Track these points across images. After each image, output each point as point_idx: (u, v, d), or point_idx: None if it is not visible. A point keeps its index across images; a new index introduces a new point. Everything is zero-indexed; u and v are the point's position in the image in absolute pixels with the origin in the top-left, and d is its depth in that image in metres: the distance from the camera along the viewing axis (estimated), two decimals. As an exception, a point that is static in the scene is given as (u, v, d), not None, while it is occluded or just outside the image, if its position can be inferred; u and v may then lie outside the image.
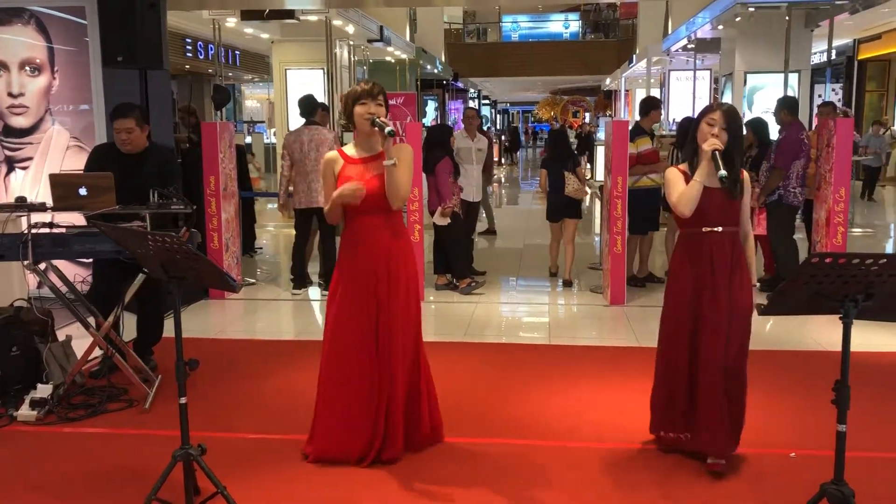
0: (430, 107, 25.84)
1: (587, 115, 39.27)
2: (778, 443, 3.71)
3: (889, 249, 9.18)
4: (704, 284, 3.33)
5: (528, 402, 4.35)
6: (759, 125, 7.15)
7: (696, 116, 3.46)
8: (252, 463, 3.53)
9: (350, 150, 3.50)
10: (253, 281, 7.67)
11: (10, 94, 6.62)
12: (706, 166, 3.25)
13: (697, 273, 3.34)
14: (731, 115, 3.31)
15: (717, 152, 3.22)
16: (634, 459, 3.58)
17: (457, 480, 3.39)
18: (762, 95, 12.09)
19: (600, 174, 8.36)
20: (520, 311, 6.80)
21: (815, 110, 12.69)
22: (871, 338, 5.41)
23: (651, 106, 7.47)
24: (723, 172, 3.16)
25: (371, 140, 3.41)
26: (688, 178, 3.34)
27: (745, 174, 3.39)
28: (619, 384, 4.63)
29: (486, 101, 40.47)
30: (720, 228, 3.33)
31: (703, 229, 3.33)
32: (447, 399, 4.37)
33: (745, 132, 4.17)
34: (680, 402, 3.46)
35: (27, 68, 6.60)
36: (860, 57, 17.70)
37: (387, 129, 3.24)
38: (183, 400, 2.86)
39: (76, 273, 5.20)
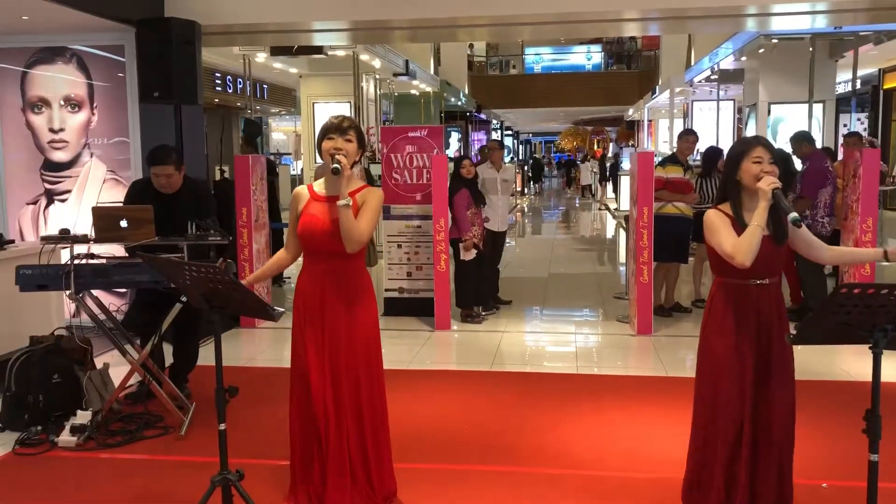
0: (454, 138, 26.09)
1: (611, 145, 39.40)
2: (809, 474, 3.70)
3: (918, 279, 9.10)
4: (751, 347, 2.98)
5: (556, 431, 4.37)
6: (783, 157, 7.19)
7: (729, 154, 3.10)
8: (285, 488, 3.59)
9: (318, 186, 3.32)
10: (282, 310, 7.74)
11: (52, 130, 6.85)
12: (765, 208, 2.83)
13: (743, 334, 2.98)
14: (772, 148, 2.99)
15: (779, 191, 2.83)
16: (663, 489, 3.59)
17: (488, 508, 3.43)
18: (785, 127, 12.10)
19: (625, 204, 8.42)
20: (545, 341, 6.83)
21: (841, 140, 12.70)
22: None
23: (678, 136, 7.56)
24: (794, 215, 2.78)
25: (338, 178, 3.15)
26: (734, 222, 2.93)
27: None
28: (647, 414, 4.64)
29: (509, 132, 40.72)
30: (768, 280, 2.97)
31: (753, 282, 2.95)
32: (473, 428, 4.43)
33: None
34: (717, 479, 3.03)
35: (67, 104, 6.82)
36: (885, 86, 17.64)
37: (332, 166, 3.07)
38: (222, 426, 2.94)
39: (110, 302, 5.34)
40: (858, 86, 13.83)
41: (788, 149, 7.41)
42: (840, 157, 7.86)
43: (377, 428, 3.32)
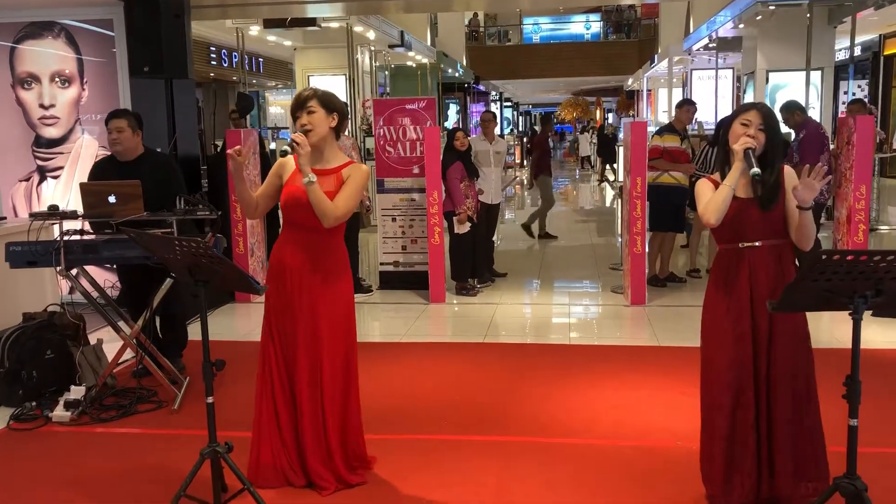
0: (452, 110, 25.95)
1: (610, 115, 39.16)
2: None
3: (915, 247, 9.09)
4: (744, 311, 2.93)
5: (548, 401, 4.40)
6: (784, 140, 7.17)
7: (725, 118, 3.18)
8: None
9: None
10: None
11: (42, 106, 6.81)
12: (738, 168, 2.83)
13: (735, 298, 2.94)
14: (768, 114, 2.93)
15: (750, 150, 2.83)
16: (653, 457, 3.62)
17: (478, 478, 3.46)
18: (784, 94, 12.02)
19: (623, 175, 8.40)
20: (539, 313, 6.85)
21: (842, 107, 12.61)
22: (893, 335, 5.40)
23: (677, 105, 7.52)
24: (755, 170, 2.77)
25: (322, 152, 3.23)
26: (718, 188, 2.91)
27: (786, 173, 2.91)
28: (639, 383, 4.66)
29: (508, 104, 40.45)
30: (759, 243, 2.91)
31: (741, 245, 2.92)
32: (465, 399, 4.46)
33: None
34: (718, 449, 2.99)
35: (57, 80, 6.78)
36: (886, 52, 17.48)
37: (280, 148, 3.06)
38: (210, 399, 2.96)
39: (105, 279, 5.35)
40: (858, 52, 13.72)
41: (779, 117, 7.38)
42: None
43: (351, 399, 3.37)
